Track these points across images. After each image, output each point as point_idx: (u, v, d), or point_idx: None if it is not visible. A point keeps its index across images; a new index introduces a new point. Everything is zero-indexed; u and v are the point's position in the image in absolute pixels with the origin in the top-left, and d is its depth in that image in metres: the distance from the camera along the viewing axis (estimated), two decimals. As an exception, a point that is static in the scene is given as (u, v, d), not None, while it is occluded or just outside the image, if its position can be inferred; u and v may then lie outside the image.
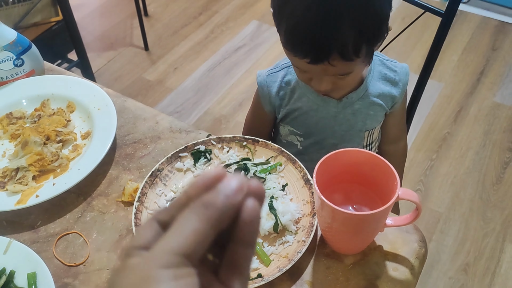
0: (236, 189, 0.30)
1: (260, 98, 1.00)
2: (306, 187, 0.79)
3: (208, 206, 0.29)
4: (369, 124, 0.97)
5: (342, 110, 0.94)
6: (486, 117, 2.09)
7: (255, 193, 0.30)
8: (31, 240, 0.77)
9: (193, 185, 0.30)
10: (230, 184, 0.30)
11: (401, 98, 0.98)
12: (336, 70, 0.78)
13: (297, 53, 0.77)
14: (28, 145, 0.85)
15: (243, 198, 0.30)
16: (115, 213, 0.80)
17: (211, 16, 2.70)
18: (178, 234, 0.29)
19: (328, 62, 0.75)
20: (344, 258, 0.72)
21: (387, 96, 0.96)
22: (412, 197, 0.65)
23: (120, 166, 0.87)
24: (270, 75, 0.99)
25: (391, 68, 0.96)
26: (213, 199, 0.29)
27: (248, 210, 0.30)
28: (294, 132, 1.01)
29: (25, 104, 0.96)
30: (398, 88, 0.96)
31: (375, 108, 0.96)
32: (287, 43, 0.78)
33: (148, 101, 2.21)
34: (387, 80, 0.95)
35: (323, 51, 0.74)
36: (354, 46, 0.74)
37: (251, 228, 0.30)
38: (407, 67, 0.98)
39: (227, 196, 0.29)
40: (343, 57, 0.75)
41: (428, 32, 2.43)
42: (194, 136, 0.91)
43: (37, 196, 0.79)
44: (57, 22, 1.90)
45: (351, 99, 0.93)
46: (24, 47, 0.96)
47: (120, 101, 0.99)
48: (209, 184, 0.30)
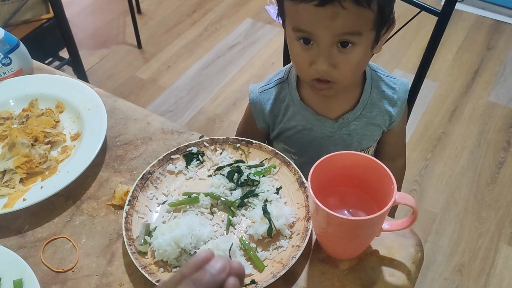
0: (220, 269, 0.39)
1: (253, 114, 0.97)
2: (301, 190, 0.77)
3: (196, 282, 0.38)
4: (364, 144, 0.94)
5: (338, 130, 0.91)
6: (481, 116, 2.08)
7: (236, 272, 0.40)
8: (18, 245, 0.75)
9: (186, 265, 0.40)
10: (215, 265, 0.39)
11: (399, 117, 0.94)
12: (345, 22, 0.71)
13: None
14: (16, 147, 0.83)
15: (226, 276, 0.39)
16: (105, 217, 0.78)
17: (204, 14, 2.67)
18: None
19: (339, 2, 0.68)
20: (339, 263, 0.70)
21: (384, 115, 0.92)
22: (409, 201, 0.63)
23: (111, 168, 0.85)
24: (263, 92, 0.95)
25: (389, 85, 0.92)
26: (200, 277, 0.38)
27: (229, 286, 0.39)
28: (288, 150, 0.98)
29: (12, 104, 0.94)
30: (397, 107, 0.92)
31: (371, 128, 0.92)
32: None
33: (141, 100, 2.19)
34: (385, 98, 0.92)
35: None
36: None
37: None
38: (407, 84, 0.94)
39: (212, 275, 0.38)
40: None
41: (423, 31, 2.43)
42: (186, 137, 0.89)
43: (24, 200, 0.77)
44: (48, 20, 1.86)
45: (347, 119, 0.90)
46: (12, 45, 0.94)
47: (110, 101, 0.96)
48: (199, 264, 0.39)
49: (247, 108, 1.00)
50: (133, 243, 0.71)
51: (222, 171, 0.81)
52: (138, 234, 0.73)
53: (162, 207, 0.78)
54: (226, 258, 0.40)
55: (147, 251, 0.71)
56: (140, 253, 0.71)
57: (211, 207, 0.77)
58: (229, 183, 0.79)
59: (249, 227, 0.73)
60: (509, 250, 1.63)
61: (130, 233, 0.72)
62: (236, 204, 0.76)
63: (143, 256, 0.71)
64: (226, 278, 0.39)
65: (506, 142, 1.97)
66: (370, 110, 0.91)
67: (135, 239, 0.72)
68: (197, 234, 0.70)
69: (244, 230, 0.74)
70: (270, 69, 2.32)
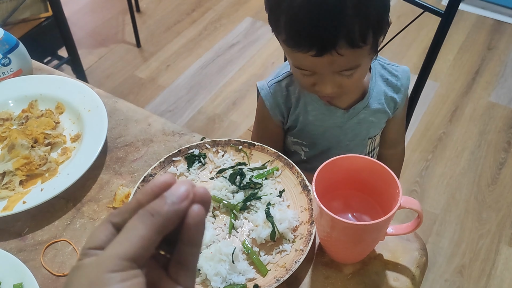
0: (181, 197, 0.32)
1: (269, 111, 0.95)
2: (304, 194, 0.76)
3: (154, 213, 0.32)
4: (372, 131, 0.95)
5: (348, 120, 0.92)
6: (482, 117, 2.07)
7: (201, 199, 0.33)
8: (17, 249, 0.74)
9: (143, 191, 0.34)
10: (176, 192, 0.33)
11: (402, 103, 0.96)
12: (343, 63, 0.74)
13: (301, 45, 0.72)
14: (15, 148, 0.82)
15: (189, 204, 0.33)
16: (106, 220, 0.77)
17: (204, 13, 2.66)
18: (125, 240, 0.32)
19: (336, 51, 0.71)
20: (343, 267, 0.70)
21: (390, 102, 0.94)
22: (414, 205, 0.63)
23: (111, 170, 0.84)
24: (273, 85, 0.94)
25: (392, 72, 0.94)
26: (159, 206, 0.32)
27: (193, 215, 0.33)
28: (299, 143, 0.97)
29: (12, 105, 0.93)
30: (400, 93, 0.94)
31: (378, 115, 0.94)
32: (288, 37, 0.73)
33: (140, 99, 2.17)
34: (390, 85, 0.93)
35: (329, 38, 0.70)
36: (361, 31, 0.70)
37: (196, 230, 0.33)
38: (408, 70, 0.95)
39: (173, 203, 0.32)
40: (351, 44, 0.70)
41: (424, 31, 2.42)
42: (187, 139, 0.88)
43: (24, 202, 0.76)
44: (47, 18, 1.85)
45: (357, 109, 0.91)
46: (11, 45, 0.93)
47: (111, 102, 0.95)
48: (157, 191, 0.33)
49: (259, 108, 0.98)
50: (134, 246, 0.70)
51: (224, 173, 0.81)
52: (139, 238, 0.72)
53: (163, 210, 0.77)
54: (189, 183, 0.33)
55: (149, 255, 0.70)
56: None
57: (213, 210, 0.76)
58: (231, 185, 0.78)
59: (252, 231, 0.73)
60: (509, 252, 1.62)
61: (131, 236, 0.71)
62: (238, 207, 0.75)
63: (144, 260, 0.70)
64: (189, 207, 0.33)
65: (506, 143, 1.97)
66: (377, 98, 0.92)
67: (137, 242, 0.71)
68: (199, 238, 0.69)
69: (247, 234, 0.74)
70: (270, 68, 2.31)
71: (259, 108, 0.98)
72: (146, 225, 0.32)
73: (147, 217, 0.32)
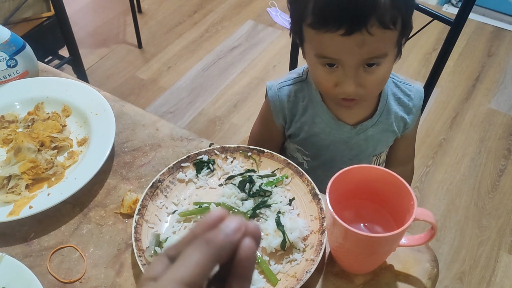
0: (235, 229, 0.34)
1: (272, 112, 0.94)
2: (314, 202, 0.76)
3: (210, 242, 0.34)
4: (379, 149, 0.95)
5: (355, 136, 0.91)
6: (482, 123, 2.08)
7: (252, 234, 0.35)
8: (23, 254, 0.73)
9: (199, 224, 0.35)
10: (230, 225, 0.34)
11: (413, 124, 0.94)
12: (372, 47, 0.71)
13: (329, 23, 0.69)
14: (21, 152, 0.81)
15: (241, 237, 0.35)
16: (113, 226, 0.76)
17: (206, 15, 2.65)
18: (183, 266, 0.33)
19: (366, 29, 0.69)
20: (354, 278, 0.69)
21: (399, 122, 0.92)
22: (429, 217, 0.62)
23: (119, 175, 0.83)
24: (282, 88, 0.93)
25: (405, 91, 0.92)
26: (214, 236, 0.34)
27: (244, 248, 0.34)
28: (302, 152, 0.97)
29: (18, 107, 0.92)
30: (412, 115, 0.92)
31: (386, 134, 0.93)
32: (317, 17, 0.71)
33: (141, 101, 2.16)
34: (401, 105, 0.92)
35: (361, 14, 0.68)
36: (391, 13, 0.69)
37: (246, 264, 0.35)
38: (422, 91, 0.93)
39: (227, 235, 0.34)
40: (382, 23, 0.69)
41: (424, 37, 2.42)
42: (196, 144, 0.88)
43: (30, 207, 0.75)
44: (49, 18, 1.84)
45: (365, 126, 0.90)
46: (18, 47, 0.92)
47: (118, 105, 0.94)
48: (212, 223, 0.35)
49: (264, 106, 0.98)
50: (143, 254, 0.70)
51: (233, 180, 0.80)
52: (148, 245, 0.71)
53: (172, 217, 0.76)
54: (241, 218, 0.35)
55: (158, 262, 0.70)
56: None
57: (222, 217, 0.76)
58: (241, 193, 0.78)
59: (262, 240, 0.72)
60: (509, 259, 1.63)
61: (140, 243, 0.71)
62: (248, 215, 0.75)
63: (153, 268, 0.69)
64: (242, 239, 0.35)
65: (506, 150, 1.97)
66: (387, 117, 0.91)
67: (145, 250, 0.70)
68: (209, 246, 0.68)
69: (257, 242, 0.73)
70: (272, 72, 2.30)
71: (264, 107, 0.98)
72: (202, 253, 0.33)
73: (203, 245, 0.34)
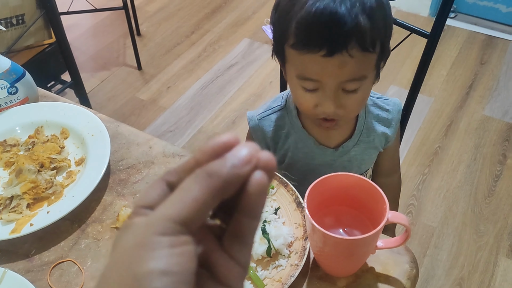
0: (244, 160, 0.29)
1: (255, 141, 0.96)
2: (298, 210, 0.80)
3: (212, 175, 0.28)
4: (363, 167, 0.97)
5: (339, 158, 0.93)
6: (476, 130, 2.11)
7: (265, 166, 0.29)
8: (25, 269, 0.77)
9: (202, 149, 0.30)
10: (238, 154, 0.29)
11: (394, 136, 0.96)
12: (352, 69, 0.73)
13: (311, 44, 0.71)
14: (22, 173, 0.86)
15: (251, 169, 0.29)
16: (110, 240, 0.81)
17: (203, 35, 2.73)
18: (178, 201, 0.28)
19: (347, 51, 0.71)
20: (337, 280, 0.73)
21: (381, 137, 0.94)
22: (402, 220, 0.66)
23: (114, 192, 0.88)
24: (262, 119, 0.95)
25: (383, 107, 0.94)
26: (218, 168, 0.28)
27: (254, 183, 0.29)
28: (289, 177, 0.98)
29: (19, 131, 0.97)
30: (391, 128, 0.94)
31: (369, 151, 0.95)
32: (299, 38, 0.72)
33: (141, 121, 2.22)
34: (380, 121, 0.94)
35: (342, 36, 0.70)
36: (371, 36, 0.71)
37: (256, 200, 0.29)
38: (400, 104, 0.96)
39: (234, 167, 0.28)
40: (362, 46, 0.71)
41: (417, 47, 2.47)
42: (187, 160, 0.92)
43: (31, 225, 0.79)
44: (50, 44, 1.91)
45: (347, 147, 0.92)
46: (18, 75, 0.98)
47: (113, 126, 1.00)
48: (218, 150, 0.29)
49: (247, 135, 1.01)
50: (137, 265, 0.74)
51: (222, 193, 0.84)
52: (142, 256, 0.75)
53: (164, 229, 0.80)
54: (254, 146, 0.29)
55: (151, 272, 0.74)
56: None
57: (212, 228, 0.80)
58: (229, 204, 0.82)
59: (249, 247, 0.76)
60: (507, 263, 1.64)
61: (134, 255, 0.75)
62: (236, 225, 0.79)
63: (147, 278, 0.73)
64: (252, 172, 0.29)
65: (501, 155, 2.00)
66: (367, 134, 0.93)
67: (139, 261, 0.74)
68: (199, 255, 0.72)
69: (244, 250, 0.77)
70: (268, 87, 2.36)
71: (248, 137, 1.01)
72: (202, 187, 0.28)
73: (204, 178, 0.28)
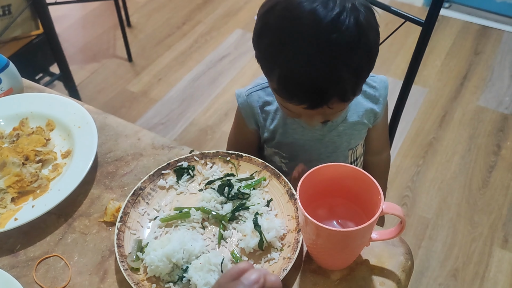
0: (253, 281, 0.43)
1: (244, 119, 0.97)
2: (291, 202, 0.78)
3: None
4: (353, 143, 0.97)
5: (328, 133, 0.93)
6: (471, 121, 2.10)
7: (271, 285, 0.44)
8: (10, 265, 0.75)
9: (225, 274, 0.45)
10: (250, 277, 0.44)
11: (382, 113, 0.97)
12: (332, 112, 0.77)
13: (293, 100, 0.74)
14: (6, 166, 0.83)
15: None
16: (97, 234, 0.78)
17: (194, 26, 2.69)
18: None
19: (327, 106, 0.73)
20: (330, 273, 0.71)
21: (369, 113, 0.95)
22: (396, 211, 0.64)
23: (102, 185, 0.86)
24: (250, 94, 0.95)
25: (370, 84, 0.94)
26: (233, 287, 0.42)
27: None
28: (279, 154, 0.99)
29: (3, 123, 0.94)
30: (380, 104, 0.95)
31: (358, 127, 0.95)
32: (282, 91, 0.75)
33: (132, 113, 2.19)
34: (368, 97, 0.94)
35: (323, 97, 0.72)
36: (353, 88, 0.73)
37: None
38: (386, 80, 0.96)
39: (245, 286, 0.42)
40: (343, 99, 0.74)
41: (411, 37, 2.45)
42: (176, 152, 0.90)
43: (16, 219, 0.77)
44: (38, 36, 1.87)
45: (335, 122, 0.93)
46: (1, 65, 0.95)
47: (101, 118, 0.97)
48: (235, 275, 0.45)
49: (236, 113, 1.01)
50: (125, 259, 0.72)
51: (213, 185, 0.82)
52: (130, 251, 0.73)
53: (153, 223, 0.78)
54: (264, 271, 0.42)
55: (140, 267, 0.72)
56: (132, 269, 0.71)
57: (202, 221, 0.78)
58: (220, 196, 0.80)
59: (240, 241, 0.74)
60: (502, 254, 1.64)
61: (122, 249, 0.73)
62: (227, 218, 0.77)
63: (135, 273, 0.71)
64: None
65: (496, 146, 1.99)
66: (356, 111, 0.93)
67: (127, 255, 0.72)
68: (188, 249, 0.70)
69: (236, 244, 0.75)
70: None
71: (237, 114, 1.01)
72: None
73: None
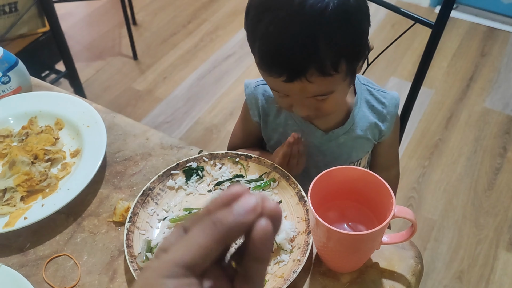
0: (248, 209, 0.31)
1: (249, 110, 0.97)
2: (301, 204, 0.77)
3: (217, 223, 0.31)
4: (354, 156, 0.94)
5: (327, 142, 0.92)
6: (477, 122, 2.10)
7: (270, 214, 0.32)
8: (20, 264, 0.75)
9: (213, 200, 0.33)
10: (244, 204, 0.31)
11: (389, 131, 0.93)
12: (315, 89, 0.74)
13: (272, 71, 0.73)
14: (16, 165, 0.83)
15: (255, 218, 0.31)
16: (106, 234, 0.78)
17: (200, 24, 2.69)
18: (183, 247, 0.31)
19: (306, 78, 0.71)
20: (340, 276, 0.71)
21: (373, 128, 0.92)
22: (408, 214, 0.64)
23: (111, 184, 0.85)
24: (257, 86, 0.95)
25: (379, 99, 0.92)
26: (223, 216, 0.31)
27: (259, 229, 0.31)
28: None
29: (12, 122, 0.94)
30: (386, 122, 0.92)
31: (361, 141, 0.93)
32: (261, 61, 0.75)
33: (137, 112, 2.19)
34: (375, 112, 0.92)
35: (299, 67, 0.70)
36: (333, 61, 0.70)
37: (262, 246, 0.32)
38: (398, 98, 0.93)
39: (238, 215, 0.31)
40: (322, 72, 0.71)
41: (418, 39, 2.45)
42: (185, 152, 0.90)
43: (25, 218, 0.77)
44: (44, 33, 1.87)
45: (336, 133, 0.91)
46: (11, 63, 0.94)
47: (109, 117, 0.97)
48: (227, 201, 0.32)
49: (244, 104, 1.00)
50: (135, 260, 0.72)
51: (222, 186, 0.82)
52: (139, 251, 0.73)
53: (163, 223, 0.78)
54: (260, 196, 0.32)
55: (149, 268, 0.72)
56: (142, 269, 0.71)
57: (211, 222, 0.77)
58: (229, 198, 0.79)
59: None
60: (507, 256, 1.63)
61: (131, 250, 0.73)
62: (236, 219, 0.76)
63: (145, 273, 0.71)
64: (256, 220, 0.31)
65: (502, 148, 1.99)
66: (360, 124, 0.91)
67: (137, 256, 0.72)
68: (198, 250, 0.70)
69: (245, 245, 0.75)
70: (267, 79, 2.33)
71: (244, 105, 1.00)
72: (206, 234, 0.31)
73: (209, 226, 0.31)
